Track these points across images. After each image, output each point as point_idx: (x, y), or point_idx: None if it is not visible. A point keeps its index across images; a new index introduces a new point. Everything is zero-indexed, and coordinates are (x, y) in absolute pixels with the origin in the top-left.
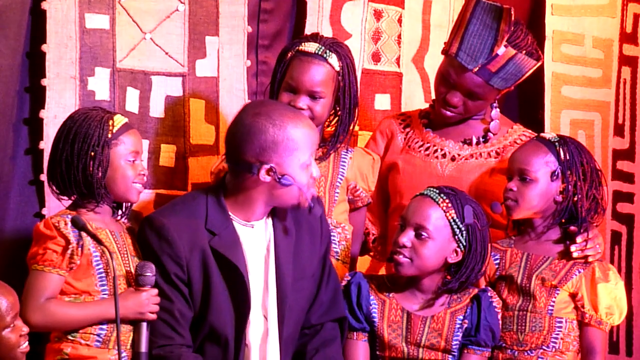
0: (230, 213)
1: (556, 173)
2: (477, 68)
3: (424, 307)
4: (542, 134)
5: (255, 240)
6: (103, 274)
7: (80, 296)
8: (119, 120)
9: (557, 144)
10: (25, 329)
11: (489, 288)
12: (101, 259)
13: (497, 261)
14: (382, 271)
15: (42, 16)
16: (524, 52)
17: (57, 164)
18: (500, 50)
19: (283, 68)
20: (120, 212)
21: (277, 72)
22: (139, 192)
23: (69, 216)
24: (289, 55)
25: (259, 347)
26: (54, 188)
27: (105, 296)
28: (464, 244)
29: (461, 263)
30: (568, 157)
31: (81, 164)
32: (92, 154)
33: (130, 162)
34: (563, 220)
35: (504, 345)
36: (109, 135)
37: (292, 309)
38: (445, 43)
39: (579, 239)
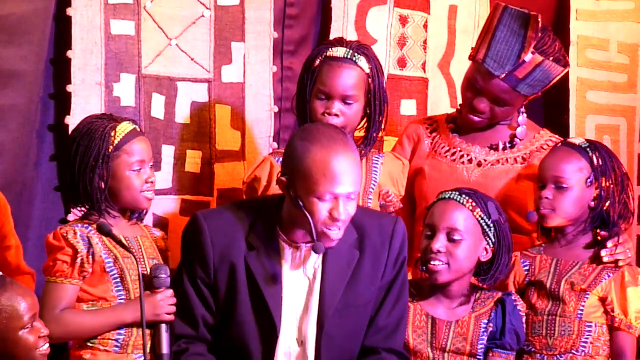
0: (279, 230)
1: (590, 180)
2: (504, 75)
3: (449, 312)
4: (570, 140)
5: (299, 262)
6: (118, 280)
7: (97, 302)
8: (123, 130)
9: (588, 149)
10: (45, 331)
11: (513, 292)
12: (115, 264)
13: (527, 268)
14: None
15: (67, 22)
16: (551, 58)
17: (63, 175)
18: (528, 57)
19: (312, 76)
20: (136, 216)
21: (307, 81)
22: (149, 199)
23: (80, 225)
24: (318, 62)
25: None
26: (66, 196)
27: (122, 301)
28: (493, 240)
29: (492, 260)
30: (601, 163)
31: (82, 177)
32: (93, 168)
33: (136, 171)
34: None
35: (533, 350)
36: (110, 149)
37: (334, 338)
38: (472, 49)
39: (609, 244)
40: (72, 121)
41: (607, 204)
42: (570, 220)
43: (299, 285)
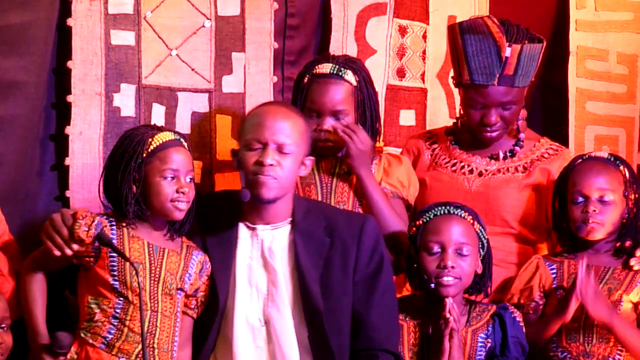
0: (241, 212)
1: (625, 192)
2: (497, 79)
3: None
4: (596, 154)
5: (256, 243)
6: (117, 283)
7: (98, 298)
8: (162, 137)
9: (618, 162)
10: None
11: (508, 304)
12: (118, 265)
13: (554, 271)
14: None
15: (67, 32)
16: (526, 41)
17: (105, 178)
18: (507, 52)
19: (302, 94)
20: (173, 229)
21: (297, 99)
22: (180, 210)
23: (105, 217)
24: (306, 80)
25: (259, 352)
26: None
27: (120, 301)
28: (483, 253)
29: (483, 273)
30: (629, 175)
31: (114, 178)
32: (126, 170)
33: (167, 179)
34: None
35: (569, 356)
36: (145, 154)
37: (323, 323)
38: (452, 78)
39: (639, 252)
40: (72, 131)
41: (633, 215)
42: (612, 232)
43: (256, 266)
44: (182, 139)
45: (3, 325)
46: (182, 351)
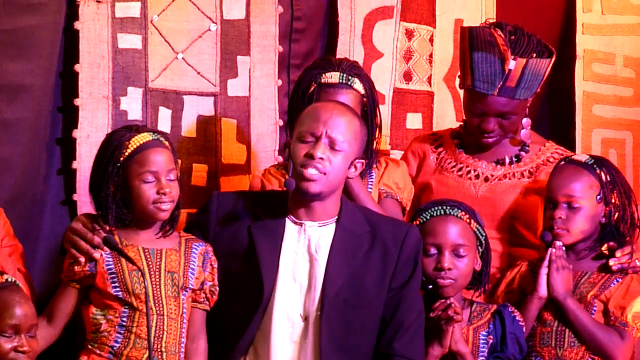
0: (287, 208)
1: (600, 196)
2: (497, 90)
3: None
4: (574, 157)
5: (303, 239)
6: (119, 292)
7: (104, 310)
8: (139, 140)
9: (595, 166)
10: (24, 348)
11: (508, 304)
12: (117, 276)
13: (534, 277)
14: None
15: (74, 36)
16: (534, 55)
17: (89, 184)
18: (511, 64)
19: (309, 103)
20: (167, 228)
21: (302, 106)
22: (163, 210)
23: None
24: (312, 88)
25: (294, 347)
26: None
27: (126, 309)
28: (482, 249)
29: (481, 270)
30: (609, 179)
31: (95, 184)
32: (105, 175)
33: (146, 182)
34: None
35: None
36: (121, 159)
37: (334, 320)
38: (459, 77)
39: (618, 254)
40: (80, 134)
41: (616, 218)
42: (583, 237)
43: (301, 261)
44: (161, 138)
45: (31, 333)
46: (194, 343)
